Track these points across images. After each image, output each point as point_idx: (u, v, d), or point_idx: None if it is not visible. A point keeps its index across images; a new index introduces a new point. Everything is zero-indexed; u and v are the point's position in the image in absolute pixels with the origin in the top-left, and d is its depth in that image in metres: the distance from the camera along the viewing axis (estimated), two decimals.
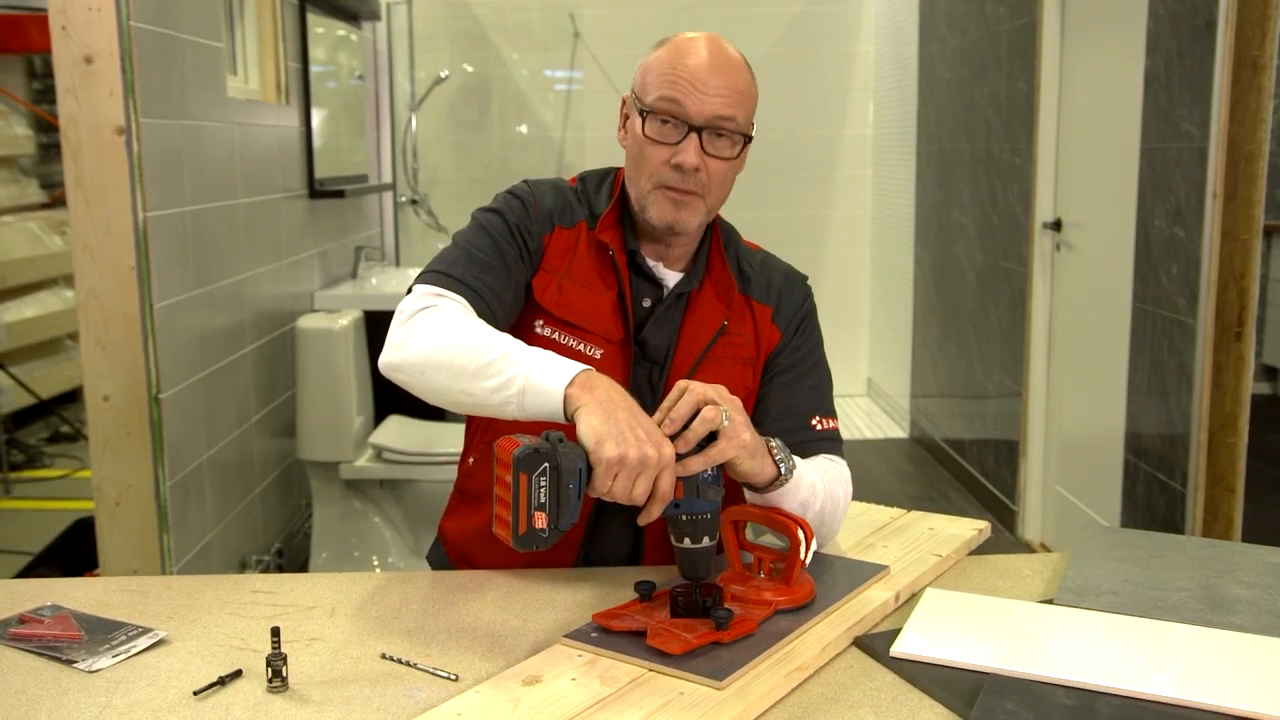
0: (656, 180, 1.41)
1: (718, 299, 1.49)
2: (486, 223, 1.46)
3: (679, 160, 1.38)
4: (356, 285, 4.03)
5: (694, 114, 1.38)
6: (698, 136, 1.38)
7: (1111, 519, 3.26)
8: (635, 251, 1.47)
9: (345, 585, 1.40)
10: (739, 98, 1.40)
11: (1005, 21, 4.01)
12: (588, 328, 1.44)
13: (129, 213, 2.36)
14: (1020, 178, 3.86)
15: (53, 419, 5.01)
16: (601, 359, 1.43)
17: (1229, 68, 2.60)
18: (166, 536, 2.50)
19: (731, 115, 1.39)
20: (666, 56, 1.41)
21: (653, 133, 1.40)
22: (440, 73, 5.32)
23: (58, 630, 1.25)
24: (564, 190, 1.52)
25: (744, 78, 1.42)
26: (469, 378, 1.24)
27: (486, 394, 1.23)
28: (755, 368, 1.51)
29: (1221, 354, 2.70)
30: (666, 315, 1.48)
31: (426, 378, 1.28)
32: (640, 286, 1.48)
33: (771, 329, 1.52)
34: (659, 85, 1.39)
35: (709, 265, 1.50)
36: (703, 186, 1.40)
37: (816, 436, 1.48)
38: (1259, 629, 1.23)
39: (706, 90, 1.37)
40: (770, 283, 1.54)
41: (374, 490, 3.47)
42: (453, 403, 1.28)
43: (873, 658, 1.19)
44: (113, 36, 2.29)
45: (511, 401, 1.21)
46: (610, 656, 1.15)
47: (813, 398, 1.51)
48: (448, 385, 1.26)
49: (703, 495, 1.21)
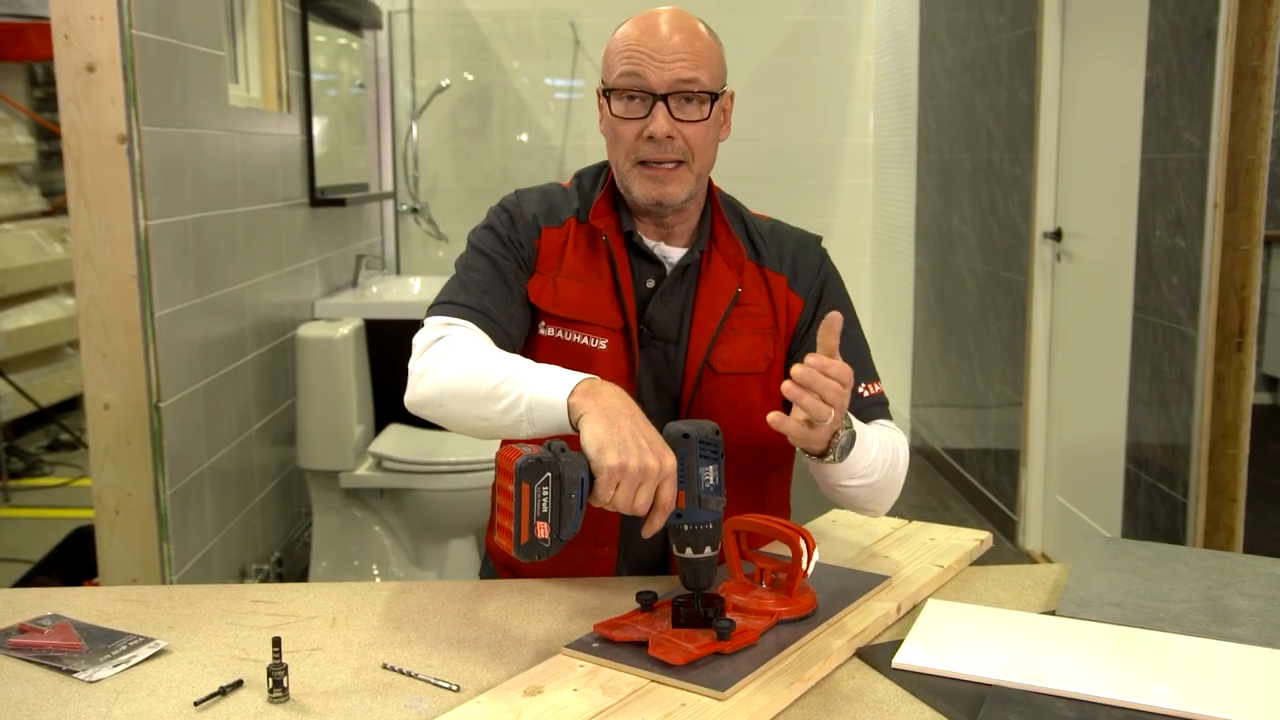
0: (634, 157, 1.41)
1: (728, 267, 1.48)
2: (480, 242, 1.48)
3: (650, 131, 1.38)
4: (357, 294, 4.03)
5: (655, 83, 1.37)
6: (664, 104, 1.38)
7: (1113, 529, 3.26)
8: (632, 232, 1.47)
9: (346, 595, 1.39)
10: (698, 59, 1.39)
11: (1005, 31, 4.01)
12: (588, 319, 1.45)
13: (130, 221, 2.36)
14: (1021, 187, 3.87)
15: (52, 427, 5.00)
16: (607, 348, 1.44)
17: (1229, 78, 2.60)
18: (166, 545, 2.50)
19: (693, 77, 1.38)
20: (623, 34, 1.42)
21: (620, 110, 1.40)
22: (441, 81, 5.33)
23: (58, 640, 1.25)
24: (551, 193, 1.53)
25: (701, 39, 1.41)
26: (481, 403, 1.27)
27: (499, 416, 1.26)
28: (776, 338, 1.50)
29: (1222, 364, 2.70)
30: (672, 291, 1.47)
31: (446, 409, 1.32)
32: (641, 268, 1.48)
33: (790, 296, 1.50)
34: (619, 63, 1.40)
35: (714, 235, 1.49)
36: (683, 153, 1.40)
37: (867, 403, 1.48)
38: (1261, 641, 1.23)
39: (664, 57, 1.37)
40: (783, 249, 1.53)
41: (374, 499, 3.47)
42: (474, 430, 1.31)
43: (875, 669, 1.19)
44: (115, 45, 2.29)
45: (523, 420, 1.24)
46: (612, 667, 1.15)
47: (854, 364, 1.48)
48: (464, 413, 1.30)
49: (705, 505, 1.20)
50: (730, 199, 1.56)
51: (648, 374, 1.47)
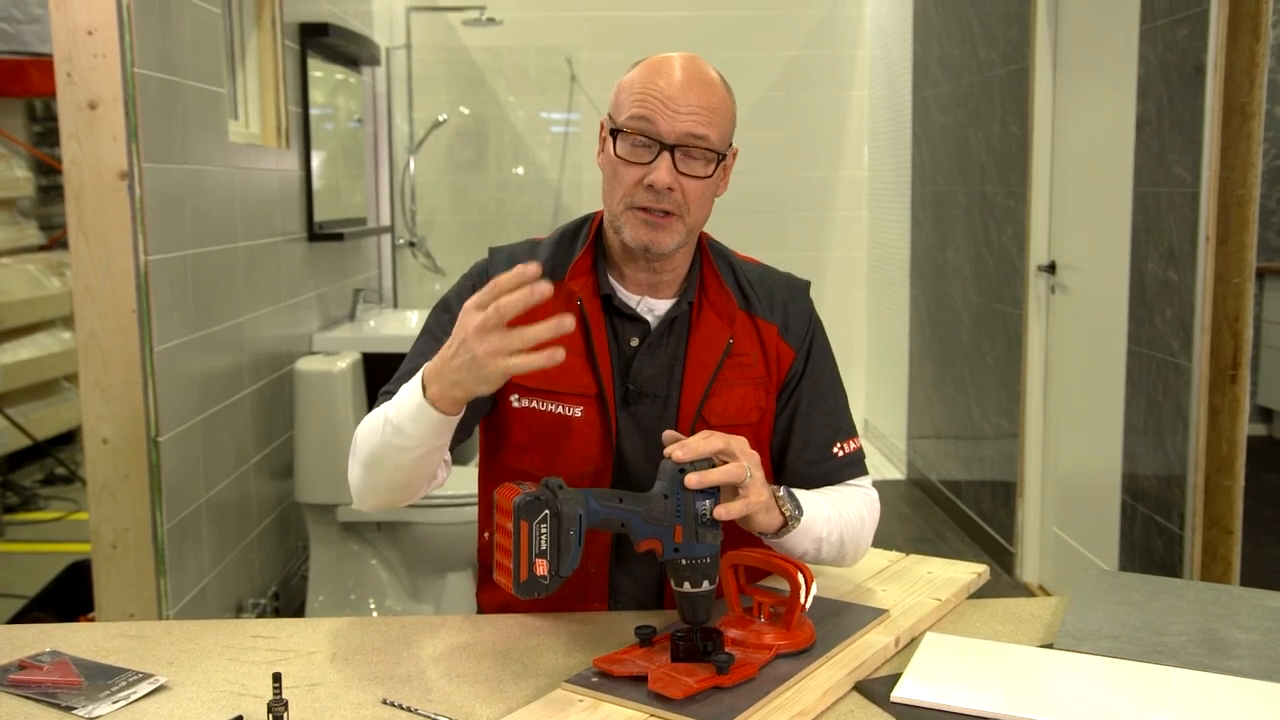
0: (630, 201, 1.38)
1: (718, 318, 1.47)
2: (435, 324, 1.48)
3: (651, 180, 1.36)
4: (355, 327, 4.04)
5: (665, 132, 1.35)
6: (670, 155, 1.36)
7: (1109, 561, 3.26)
8: (610, 296, 1.45)
9: (346, 630, 1.40)
10: (711, 116, 1.37)
11: (998, 66, 4.05)
12: (558, 388, 1.43)
13: (130, 256, 2.37)
14: (1014, 220, 3.89)
15: (48, 461, 4.99)
16: (583, 415, 1.42)
17: (1219, 113, 2.63)
18: (163, 580, 2.50)
19: (704, 134, 1.36)
20: (639, 75, 1.39)
21: (624, 152, 1.38)
22: (438, 116, 5.36)
23: (57, 676, 1.25)
24: (520, 256, 1.48)
25: (717, 95, 1.39)
26: (394, 452, 1.31)
27: (407, 449, 1.30)
28: (768, 387, 1.49)
29: (1217, 396, 2.71)
30: (659, 345, 1.45)
31: (375, 479, 1.37)
32: (623, 327, 1.45)
33: (782, 346, 1.49)
34: (631, 104, 1.37)
35: (703, 286, 1.48)
36: (678, 206, 1.38)
37: (840, 464, 1.49)
38: (1258, 674, 1.23)
39: (678, 108, 1.35)
40: (773, 297, 1.51)
41: (371, 533, 3.46)
42: (407, 479, 1.35)
43: (874, 702, 1.19)
44: (117, 83, 2.31)
45: (417, 442, 1.29)
46: (612, 701, 1.15)
47: (832, 422, 1.50)
48: (391, 471, 1.34)
49: (701, 539, 1.21)
50: (719, 246, 1.54)
51: (637, 433, 1.45)
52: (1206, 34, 2.65)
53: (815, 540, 1.37)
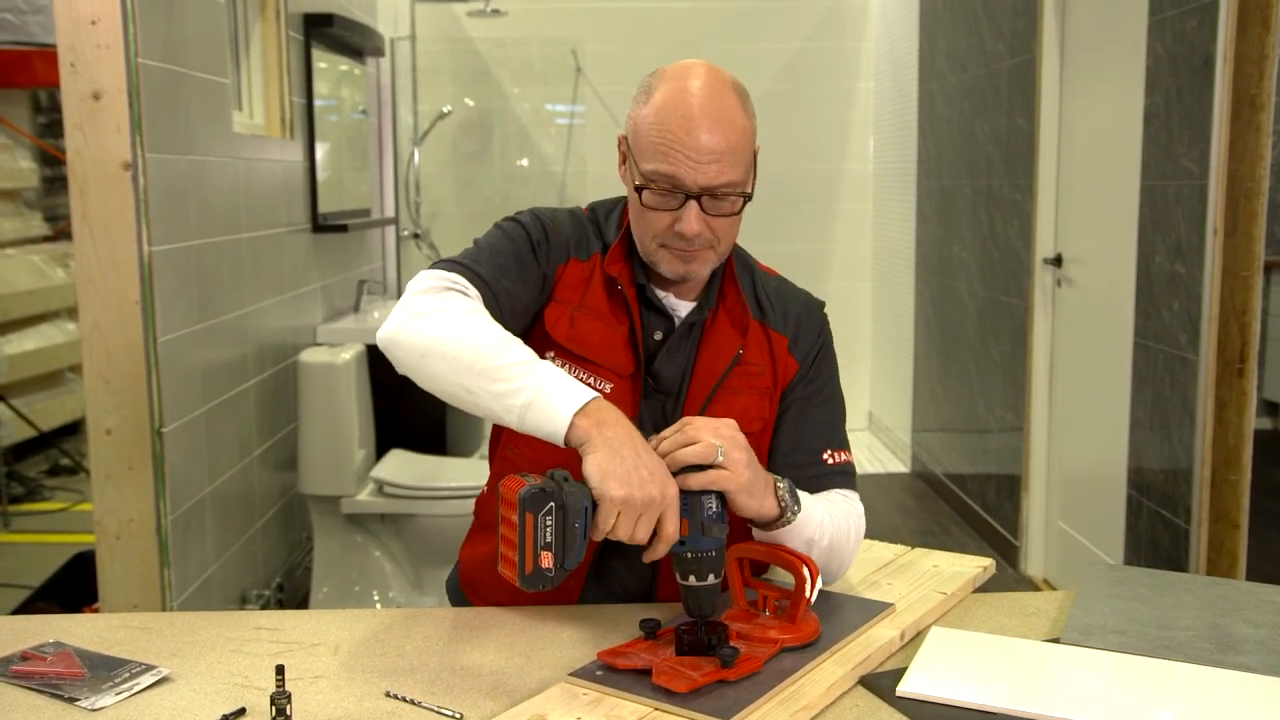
0: (661, 241, 1.39)
1: (732, 327, 1.47)
2: (511, 230, 1.45)
3: (680, 229, 1.36)
4: (359, 319, 4.04)
5: (690, 184, 1.34)
6: (697, 203, 1.35)
7: (1115, 555, 3.25)
8: (644, 286, 1.46)
9: (349, 622, 1.39)
10: (734, 157, 1.34)
11: (1004, 58, 4.04)
12: (600, 361, 1.43)
13: (134, 247, 2.37)
14: (1020, 213, 3.88)
15: (52, 452, 5.00)
16: (612, 392, 1.42)
17: (1228, 105, 2.62)
18: (167, 571, 2.50)
19: (729, 180, 1.34)
20: (656, 119, 1.34)
21: (651, 203, 1.37)
22: (443, 107, 5.35)
23: (60, 668, 1.24)
24: (580, 222, 1.50)
25: (736, 129, 1.35)
26: (474, 375, 1.22)
27: (490, 396, 1.22)
28: (772, 397, 1.49)
29: (1224, 390, 2.70)
30: (678, 346, 1.46)
31: (426, 362, 1.26)
32: (650, 319, 1.46)
33: (789, 359, 1.50)
34: (652, 155, 1.35)
35: (722, 294, 1.49)
36: (710, 242, 1.39)
37: (828, 470, 1.48)
38: (1266, 669, 1.23)
39: (700, 158, 1.33)
40: (787, 311, 1.52)
41: (375, 524, 3.46)
42: (447, 394, 1.26)
43: (879, 696, 1.19)
44: (121, 73, 2.30)
45: (513, 411, 1.20)
46: (616, 695, 1.14)
47: (825, 431, 1.50)
48: (446, 375, 1.24)
49: (707, 532, 1.20)
50: (743, 254, 1.55)
51: (647, 423, 1.45)
52: (1216, 26, 2.64)
53: (807, 542, 1.35)
